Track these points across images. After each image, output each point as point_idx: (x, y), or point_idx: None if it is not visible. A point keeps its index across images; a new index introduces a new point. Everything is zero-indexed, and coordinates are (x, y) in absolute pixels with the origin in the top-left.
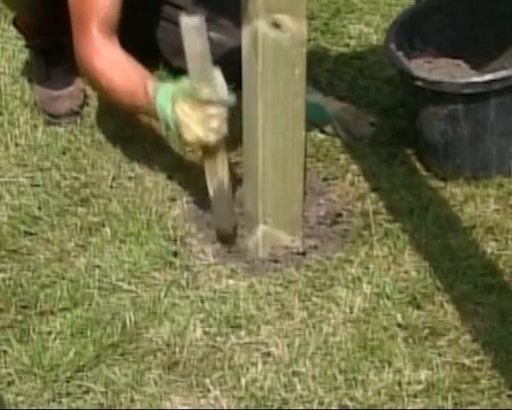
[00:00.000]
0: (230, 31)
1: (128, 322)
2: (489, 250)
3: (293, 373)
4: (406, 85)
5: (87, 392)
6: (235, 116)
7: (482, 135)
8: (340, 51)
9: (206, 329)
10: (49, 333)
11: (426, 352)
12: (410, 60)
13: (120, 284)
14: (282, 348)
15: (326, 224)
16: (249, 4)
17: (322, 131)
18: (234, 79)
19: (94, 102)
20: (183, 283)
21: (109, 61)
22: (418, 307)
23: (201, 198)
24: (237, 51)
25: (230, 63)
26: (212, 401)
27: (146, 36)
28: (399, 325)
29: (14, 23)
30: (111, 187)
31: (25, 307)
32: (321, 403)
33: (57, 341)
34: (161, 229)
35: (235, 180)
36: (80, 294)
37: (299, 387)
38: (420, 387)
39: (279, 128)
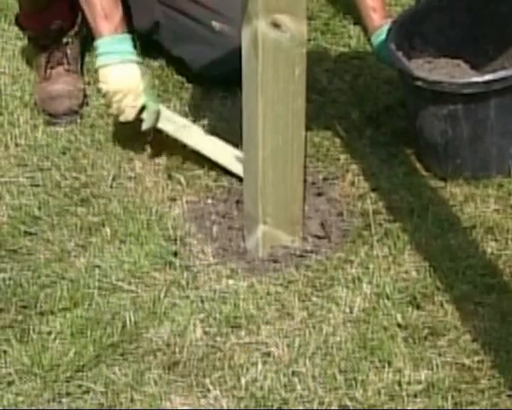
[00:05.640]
0: (234, 22)
1: (128, 322)
2: (489, 250)
3: (293, 373)
4: (406, 85)
5: (87, 392)
6: (235, 116)
7: (482, 135)
8: (340, 51)
9: (206, 329)
10: (49, 333)
11: (426, 352)
12: (410, 60)
13: (120, 284)
14: (282, 348)
15: (326, 224)
16: (249, 4)
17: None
18: (235, 68)
19: (94, 102)
20: (183, 283)
21: None
22: (418, 307)
23: (201, 198)
24: (239, 41)
25: (232, 51)
26: (212, 401)
27: (149, 22)
28: (399, 325)
29: (17, 21)
30: (111, 187)
31: (25, 307)
32: (321, 403)
33: (57, 341)
34: (161, 229)
35: None
36: (80, 294)
37: (299, 387)
38: (420, 387)
39: (279, 128)
